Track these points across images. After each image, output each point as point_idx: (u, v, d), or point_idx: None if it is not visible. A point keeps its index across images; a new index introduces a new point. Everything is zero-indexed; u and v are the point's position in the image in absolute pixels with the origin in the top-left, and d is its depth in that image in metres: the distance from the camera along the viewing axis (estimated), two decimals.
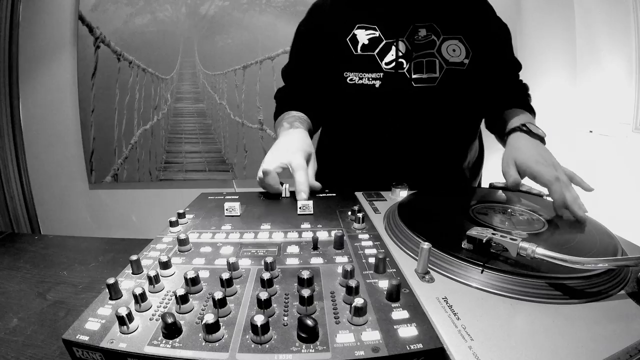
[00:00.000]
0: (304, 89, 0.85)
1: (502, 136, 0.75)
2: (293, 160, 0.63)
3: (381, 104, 0.77)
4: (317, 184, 0.67)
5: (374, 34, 0.76)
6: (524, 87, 0.85)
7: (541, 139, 0.67)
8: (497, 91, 0.82)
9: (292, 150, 0.65)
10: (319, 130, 0.97)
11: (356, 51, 0.76)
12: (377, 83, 0.75)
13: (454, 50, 0.75)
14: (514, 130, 0.70)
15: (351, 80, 0.76)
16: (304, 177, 0.61)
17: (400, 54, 0.74)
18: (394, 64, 0.75)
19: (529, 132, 0.68)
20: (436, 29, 0.75)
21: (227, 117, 1.80)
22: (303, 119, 0.79)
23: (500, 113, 0.80)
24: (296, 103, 0.83)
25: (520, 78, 0.86)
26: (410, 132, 0.79)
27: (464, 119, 0.81)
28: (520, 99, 0.82)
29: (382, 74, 0.75)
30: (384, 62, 0.75)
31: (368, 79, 0.75)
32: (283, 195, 0.67)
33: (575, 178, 0.59)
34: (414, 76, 0.75)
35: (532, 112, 0.80)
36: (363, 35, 0.76)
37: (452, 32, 0.75)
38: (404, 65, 0.75)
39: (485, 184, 0.93)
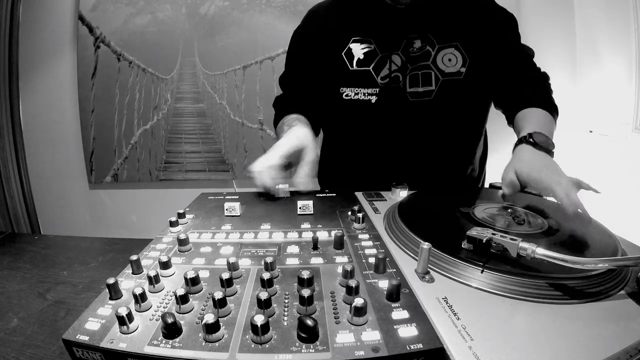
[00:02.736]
0: (301, 95, 0.84)
1: None
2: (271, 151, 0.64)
3: (378, 119, 0.76)
4: (305, 185, 0.64)
5: (369, 47, 0.75)
6: (541, 78, 0.79)
7: (548, 151, 0.61)
8: (512, 85, 0.77)
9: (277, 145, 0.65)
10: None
11: (352, 66, 0.75)
12: (373, 98, 0.74)
13: (449, 60, 0.73)
14: (520, 141, 0.64)
15: (347, 95, 0.75)
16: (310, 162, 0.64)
17: (395, 67, 0.74)
18: (389, 78, 0.74)
19: (535, 145, 0.62)
20: (431, 39, 0.74)
21: (227, 117, 1.80)
22: (302, 119, 0.79)
23: (516, 112, 0.75)
24: (295, 108, 0.83)
25: (538, 67, 0.80)
26: (409, 144, 0.78)
27: (462, 128, 0.80)
28: (538, 94, 0.76)
29: (377, 89, 0.74)
30: (379, 77, 0.74)
31: (364, 94, 0.75)
32: (283, 195, 0.67)
33: (582, 184, 0.55)
34: (409, 90, 0.74)
35: (552, 108, 0.74)
36: (358, 50, 0.75)
37: (447, 40, 0.74)
38: (400, 79, 0.74)
39: (486, 182, 0.93)
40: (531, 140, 0.62)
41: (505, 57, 0.77)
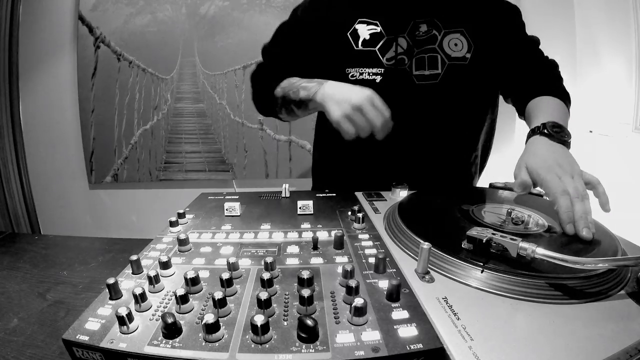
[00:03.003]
0: (291, 71, 0.81)
1: None
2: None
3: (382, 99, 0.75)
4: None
5: (375, 29, 0.75)
6: (550, 66, 0.78)
7: (564, 142, 0.58)
8: (520, 75, 0.77)
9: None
10: (315, 128, 0.95)
11: (357, 46, 0.75)
12: (378, 78, 0.74)
13: (455, 45, 0.74)
14: (533, 132, 0.61)
15: (352, 76, 0.75)
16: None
17: (401, 50, 0.74)
18: (394, 60, 0.74)
19: (550, 136, 0.58)
20: (437, 23, 0.74)
21: (227, 117, 1.80)
22: None
23: (527, 101, 0.74)
24: (290, 73, 0.79)
25: (546, 55, 0.80)
26: (413, 128, 0.77)
27: (467, 113, 0.80)
28: (548, 82, 0.75)
29: (382, 69, 0.74)
30: (385, 58, 0.74)
31: (368, 74, 0.74)
32: (283, 195, 0.67)
33: (599, 188, 0.51)
34: (415, 73, 0.74)
35: (563, 96, 0.72)
36: (364, 30, 0.75)
37: (453, 26, 0.74)
38: (406, 62, 0.74)
39: (479, 183, 0.93)
40: (545, 131, 0.59)
41: (511, 47, 0.77)
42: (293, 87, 0.74)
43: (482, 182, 0.95)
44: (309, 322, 0.28)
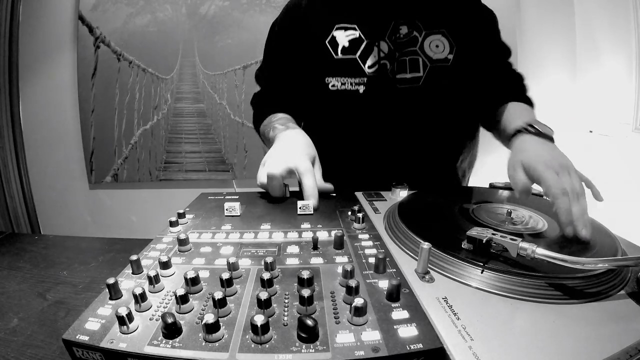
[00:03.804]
0: (282, 92, 0.82)
1: (502, 134, 0.71)
2: (300, 164, 0.61)
3: (366, 109, 0.74)
4: (328, 186, 0.65)
5: (354, 34, 0.73)
6: (519, 77, 0.81)
7: (550, 139, 0.60)
8: (490, 82, 0.78)
9: (297, 153, 0.63)
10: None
11: (337, 54, 0.73)
12: (361, 88, 0.72)
13: (437, 46, 0.73)
14: (520, 131, 0.62)
15: (333, 86, 0.73)
16: (313, 182, 0.59)
17: (382, 54, 0.72)
18: (377, 66, 0.72)
19: (538, 134, 0.60)
20: (417, 25, 0.73)
21: (227, 117, 1.80)
22: (293, 120, 0.77)
23: (495, 108, 0.76)
24: (277, 105, 0.80)
25: (514, 68, 0.82)
26: (398, 133, 0.76)
27: (452, 116, 0.78)
28: (516, 90, 0.78)
29: (365, 78, 0.73)
30: (366, 66, 0.73)
31: (351, 84, 0.73)
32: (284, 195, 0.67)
33: (592, 187, 0.52)
34: (397, 77, 0.73)
35: (530, 104, 0.76)
36: (343, 37, 0.73)
37: (434, 27, 0.73)
38: (388, 67, 0.73)
39: (479, 183, 0.92)
40: (532, 129, 0.59)
41: (486, 50, 0.78)
42: (268, 127, 0.76)
43: (482, 182, 0.94)
44: (309, 322, 0.28)
